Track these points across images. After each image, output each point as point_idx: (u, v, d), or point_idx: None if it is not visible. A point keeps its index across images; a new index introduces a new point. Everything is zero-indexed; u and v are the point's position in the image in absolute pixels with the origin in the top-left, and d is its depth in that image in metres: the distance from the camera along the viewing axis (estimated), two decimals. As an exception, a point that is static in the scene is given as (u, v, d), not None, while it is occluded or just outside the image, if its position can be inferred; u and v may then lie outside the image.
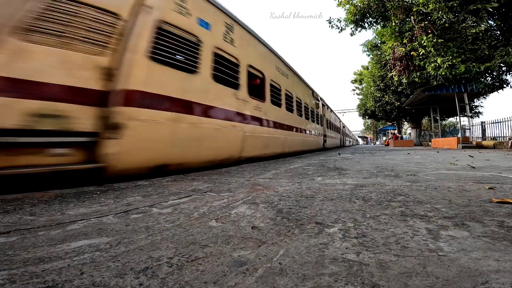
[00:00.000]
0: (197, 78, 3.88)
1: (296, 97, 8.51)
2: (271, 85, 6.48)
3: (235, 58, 4.79)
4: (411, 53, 10.01)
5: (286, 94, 7.51)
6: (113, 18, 2.83)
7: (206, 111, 4.01)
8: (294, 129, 8.19)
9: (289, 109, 7.82)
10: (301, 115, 9.08)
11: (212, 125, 4.15)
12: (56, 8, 2.46)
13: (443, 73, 9.05)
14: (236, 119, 4.82)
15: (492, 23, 9.39)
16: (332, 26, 12.21)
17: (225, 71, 4.48)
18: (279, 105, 6.91)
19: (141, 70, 3.00)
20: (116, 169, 2.79)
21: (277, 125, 6.73)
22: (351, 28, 12.02)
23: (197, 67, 3.87)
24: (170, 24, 3.42)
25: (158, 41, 3.22)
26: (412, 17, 9.65)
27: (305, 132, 9.58)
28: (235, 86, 4.85)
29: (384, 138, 41.45)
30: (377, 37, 15.91)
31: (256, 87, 5.92)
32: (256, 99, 5.66)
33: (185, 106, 3.60)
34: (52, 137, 2.44)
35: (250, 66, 5.43)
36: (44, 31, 2.40)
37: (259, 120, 5.73)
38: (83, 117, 2.59)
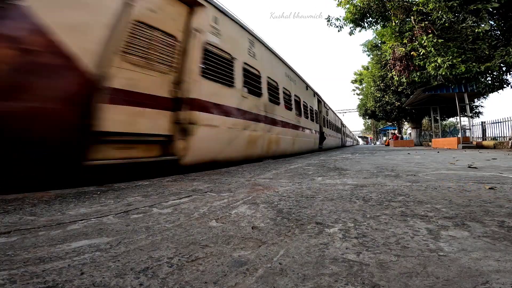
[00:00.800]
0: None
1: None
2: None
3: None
4: (411, 53, 10.01)
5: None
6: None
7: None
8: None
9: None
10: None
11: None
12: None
13: (443, 73, 9.05)
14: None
15: (493, 23, 9.38)
16: (330, 25, 12.21)
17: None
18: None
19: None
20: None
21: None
22: (350, 27, 12.02)
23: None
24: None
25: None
26: (412, 17, 9.65)
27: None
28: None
29: (384, 138, 41.46)
30: (377, 37, 15.90)
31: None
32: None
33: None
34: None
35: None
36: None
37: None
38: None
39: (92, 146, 2.65)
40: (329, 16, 12.11)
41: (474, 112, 21.35)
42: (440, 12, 8.48)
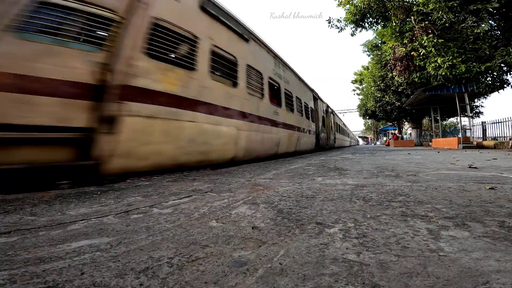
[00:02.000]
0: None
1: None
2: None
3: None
4: (412, 53, 10.00)
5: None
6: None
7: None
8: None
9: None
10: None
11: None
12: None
13: (443, 73, 9.05)
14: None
15: (493, 23, 9.38)
16: (331, 26, 12.21)
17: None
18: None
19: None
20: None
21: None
22: (351, 28, 12.02)
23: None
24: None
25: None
26: (412, 17, 9.65)
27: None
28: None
29: (385, 138, 41.43)
30: (377, 37, 15.90)
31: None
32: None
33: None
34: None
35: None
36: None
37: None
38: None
39: None
40: (330, 17, 12.11)
41: (474, 112, 21.34)
42: (440, 12, 8.48)
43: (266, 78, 6.22)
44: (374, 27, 12.31)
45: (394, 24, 10.35)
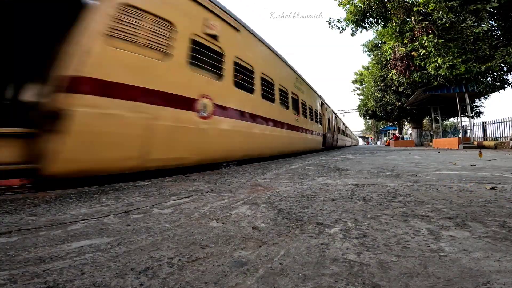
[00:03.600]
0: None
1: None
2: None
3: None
4: (412, 53, 10.00)
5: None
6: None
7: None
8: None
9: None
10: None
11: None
12: None
13: (443, 73, 9.05)
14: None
15: (493, 23, 9.37)
16: (332, 27, 12.20)
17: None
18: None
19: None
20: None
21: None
22: (351, 28, 12.01)
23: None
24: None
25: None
26: (412, 17, 9.65)
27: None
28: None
29: (385, 138, 41.39)
30: (377, 37, 15.89)
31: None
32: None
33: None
34: None
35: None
36: None
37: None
38: None
39: None
40: (330, 18, 12.10)
41: (475, 112, 21.32)
42: (440, 12, 8.48)
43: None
44: (374, 27, 12.30)
45: (394, 24, 10.35)
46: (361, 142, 71.28)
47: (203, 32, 4.01)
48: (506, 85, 9.87)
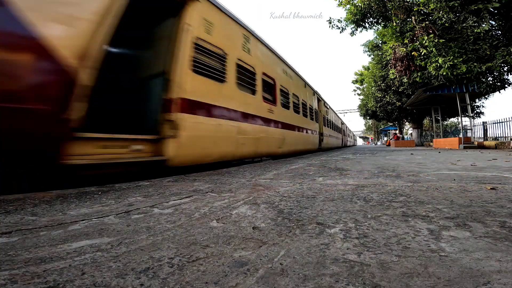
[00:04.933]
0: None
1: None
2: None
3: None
4: (412, 53, 10.00)
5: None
6: None
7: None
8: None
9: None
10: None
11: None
12: None
13: (444, 73, 9.04)
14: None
15: (493, 23, 9.36)
16: (332, 27, 12.21)
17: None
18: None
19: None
20: None
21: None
22: (351, 28, 12.01)
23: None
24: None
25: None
26: (413, 17, 9.64)
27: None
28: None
29: (386, 138, 41.35)
30: (378, 37, 15.89)
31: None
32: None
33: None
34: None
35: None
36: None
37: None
38: None
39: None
40: (330, 18, 12.10)
41: (475, 112, 21.29)
42: (441, 12, 8.48)
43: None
44: (374, 27, 12.30)
45: (394, 24, 10.35)
46: (361, 142, 71.12)
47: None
48: (506, 85, 9.86)
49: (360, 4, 10.74)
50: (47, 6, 2.32)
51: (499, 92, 10.78)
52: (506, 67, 9.25)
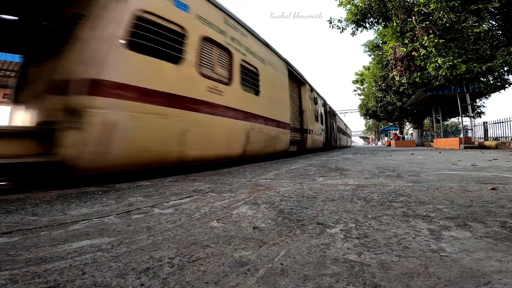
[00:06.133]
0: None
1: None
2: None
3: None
4: (412, 53, 9.99)
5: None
6: None
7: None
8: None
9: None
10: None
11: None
12: None
13: (443, 74, 9.03)
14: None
15: (494, 23, 9.36)
16: (332, 27, 12.21)
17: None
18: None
19: None
20: None
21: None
22: (352, 28, 12.01)
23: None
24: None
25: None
26: (413, 17, 9.64)
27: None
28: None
29: (386, 138, 41.31)
30: (378, 37, 15.89)
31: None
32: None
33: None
34: None
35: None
36: None
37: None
38: None
39: None
40: (331, 18, 12.10)
41: (476, 112, 21.24)
42: (441, 12, 8.47)
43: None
44: (375, 27, 12.30)
45: (395, 24, 10.35)
46: (361, 142, 70.94)
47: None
48: (507, 85, 9.86)
49: (360, 4, 10.74)
50: None
51: (500, 92, 10.77)
52: (507, 67, 9.24)
